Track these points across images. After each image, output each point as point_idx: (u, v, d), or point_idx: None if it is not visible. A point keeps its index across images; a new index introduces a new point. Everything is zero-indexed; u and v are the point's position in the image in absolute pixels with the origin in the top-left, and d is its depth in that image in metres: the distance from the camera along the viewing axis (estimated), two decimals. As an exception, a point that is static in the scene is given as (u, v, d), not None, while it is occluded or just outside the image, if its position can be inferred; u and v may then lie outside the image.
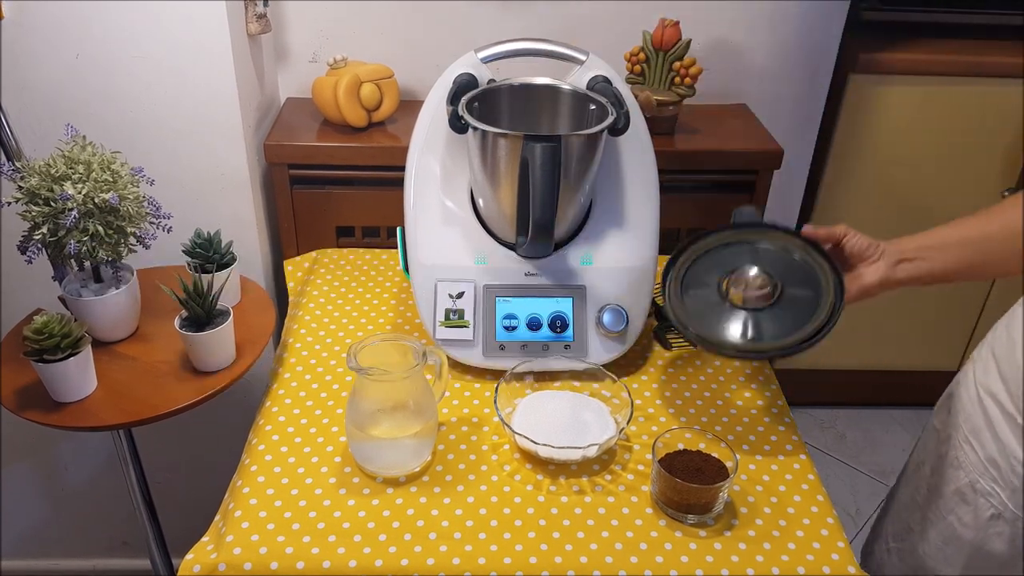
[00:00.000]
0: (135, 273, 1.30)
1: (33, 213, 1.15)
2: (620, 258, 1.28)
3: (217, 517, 1.07)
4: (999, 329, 1.11)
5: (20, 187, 1.15)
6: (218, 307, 1.24)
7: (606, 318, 1.25)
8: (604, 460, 1.13)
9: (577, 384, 1.24)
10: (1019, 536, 1.06)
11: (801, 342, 1.09)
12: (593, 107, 1.25)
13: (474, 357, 1.25)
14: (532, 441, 1.08)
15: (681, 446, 1.10)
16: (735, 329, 1.12)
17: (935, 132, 2.03)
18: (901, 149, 2.07)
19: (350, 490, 1.07)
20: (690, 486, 1.02)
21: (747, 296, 1.12)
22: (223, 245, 1.36)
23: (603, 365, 1.23)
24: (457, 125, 1.20)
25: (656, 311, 1.40)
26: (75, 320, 1.17)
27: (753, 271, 1.12)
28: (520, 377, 1.21)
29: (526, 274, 1.26)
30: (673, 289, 1.15)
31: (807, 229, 1.11)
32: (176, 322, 1.21)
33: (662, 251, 1.32)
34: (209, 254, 1.33)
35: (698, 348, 1.26)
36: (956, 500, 1.13)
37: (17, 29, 1.34)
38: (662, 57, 1.60)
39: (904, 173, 2.07)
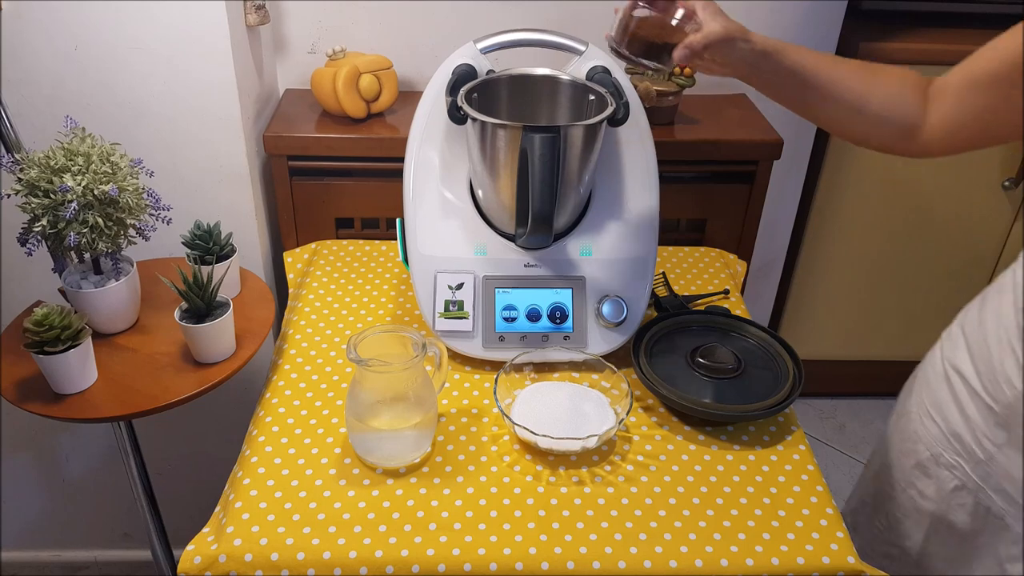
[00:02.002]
0: (135, 265, 1.30)
1: (33, 205, 1.15)
2: (619, 249, 1.28)
3: (217, 508, 1.07)
4: (971, 311, 1.12)
5: (20, 179, 1.15)
6: (218, 299, 1.24)
7: (605, 309, 1.25)
8: (603, 451, 1.13)
9: (576, 375, 1.24)
10: (980, 506, 1.09)
11: (762, 409, 1.15)
12: (592, 97, 1.24)
13: (474, 348, 1.26)
14: (532, 432, 1.08)
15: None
16: (700, 392, 1.20)
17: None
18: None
19: (350, 481, 1.07)
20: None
21: (712, 367, 1.22)
22: (222, 237, 1.36)
23: (602, 356, 1.23)
24: (456, 116, 1.20)
25: (655, 302, 1.40)
26: (75, 312, 1.17)
27: (720, 349, 1.24)
28: (519, 368, 1.22)
29: (525, 265, 1.26)
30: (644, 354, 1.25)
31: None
32: (176, 314, 1.22)
33: (661, 242, 1.32)
34: (209, 246, 1.34)
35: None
36: (916, 473, 1.15)
37: (16, 21, 1.34)
38: (662, 47, 1.60)
39: (904, 163, 2.07)
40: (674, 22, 1.05)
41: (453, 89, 1.23)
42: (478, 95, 1.24)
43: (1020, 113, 0.93)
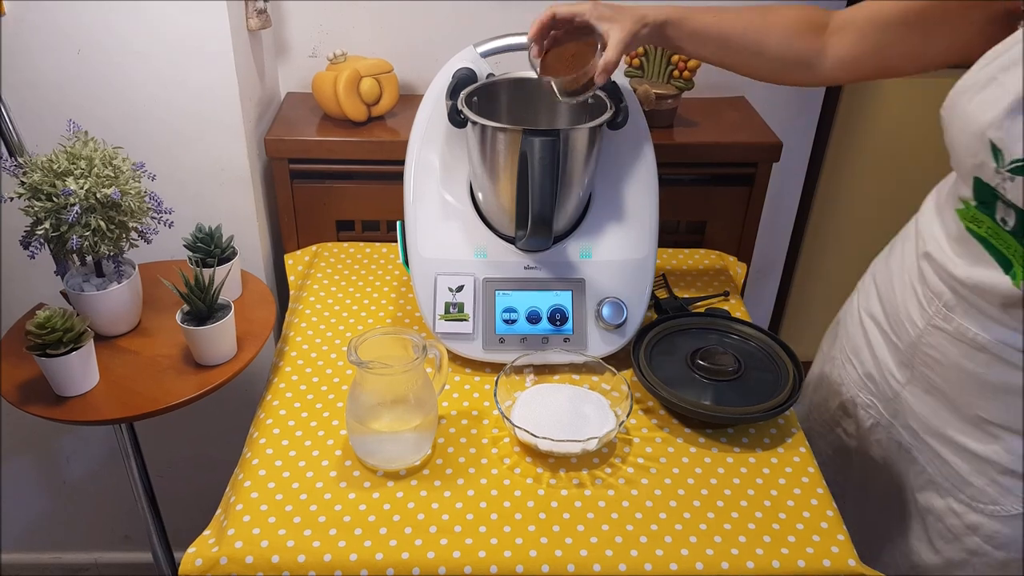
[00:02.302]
0: (136, 267, 1.30)
1: (35, 208, 1.15)
2: (619, 251, 1.28)
3: (219, 510, 1.07)
4: (880, 261, 1.23)
5: (22, 183, 1.16)
6: (219, 301, 1.24)
7: (605, 311, 1.25)
8: (604, 453, 1.14)
9: (577, 377, 1.24)
10: (893, 441, 1.20)
11: (763, 411, 1.16)
12: (592, 101, 1.25)
13: (474, 350, 1.26)
14: (532, 434, 1.09)
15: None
16: (701, 394, 1.20)
17: (935, 124, 2.03)
18: (901, 141, 2.07)
19: (351, 483, 1.08)
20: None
21: (713, 369, 1.23)
22: (224, 239, 1.36)
23: (602, 358, 1.24)
24: (456, 119, 1.20)
25: (655, 304, 1.41)
26: (77, 314, 1.17)
27: (720, 351, 1.25)
28: (520, 370, 1.22)
29: (525, 267, 1.27)
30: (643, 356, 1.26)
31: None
32: (177, 316, 1.22)
33: (661, 244, 1.32)
34: (210, 248, 1.34)
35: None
36: (840, 414, 1.30)
37: (19, 25, 1.34)
38: (660, 50, 1.61)
39: (904, 165, 2.07)
40: (595, 78, 1.11)
41: (453, 93, 1.23)
42: (478, 99, 1.24)
43: (915, 52, 1.05)
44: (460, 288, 1.26)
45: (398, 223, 1.33)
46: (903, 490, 1.19)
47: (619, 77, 1.27)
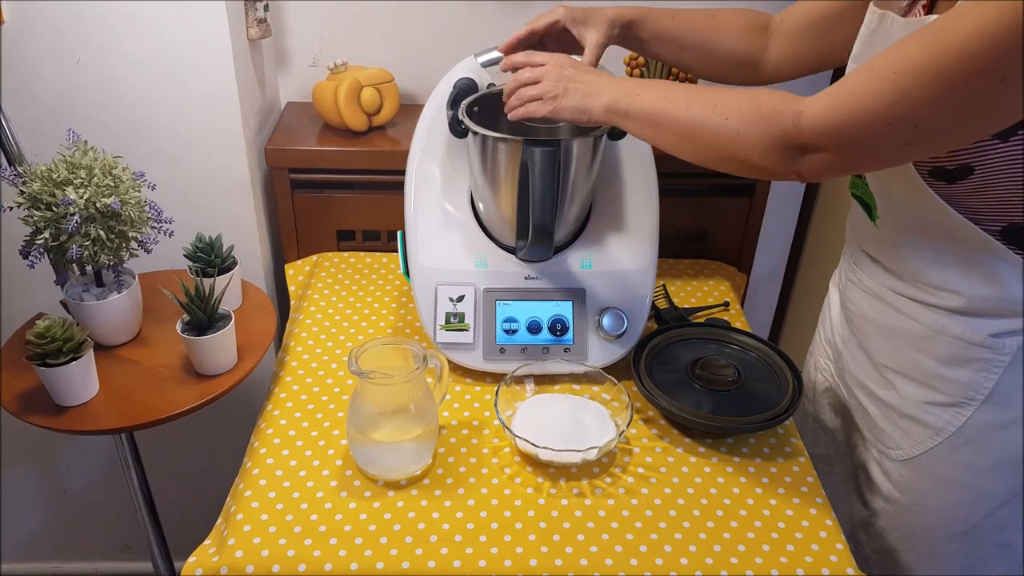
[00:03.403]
0: (137, 277, 1.31)
1: (35, 218, 1.15)
2: (620, 261, 1.28)
3: (219, 520, 1.07)
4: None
5: (22, 192, 1.16)
6: (219, 311, 1.24)
7: (606, 321, 1.25)
8: (604, 463, 1.13)
9: (577, 387, 1.24)
10: (839, 403, 1.25)
11: (762, 421, 1.16)
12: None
13: (474, 360, 1.26)
14: (532, 444, 1.09)
15: None
16: (700, 404, 1.19)
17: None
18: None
19: (351, 493, 1.08)
20: None
21: (712, 379, 1.23)
22: (224, 249, 1.36)
23: (603, 368, 1.24)
24: (457, 129, 1.20)
25: (656, 314, 1.41)
26: (77, 324, 1.17)
27: (720, 361, 1.26)
28: (520, 380, 1.22)
29: (526, 277, 1.27)
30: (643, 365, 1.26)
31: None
32: (178, 326, 1.22)
33: (661, 254, 1.33)
34: (210, 258, 1.34)
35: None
36: (807, 380, 1.33)
37: (18, 34, 1.35)
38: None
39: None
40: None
41: (454, 102, 1.24)
42: (479, 109, 1.24)
43: (846, 46, 1.04)
44: (461, 298, 1.26)
45: (399, 233, 1.33)
46: (847, 452, 1.24)
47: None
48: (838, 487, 1.25)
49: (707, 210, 1.66)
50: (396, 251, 1.57)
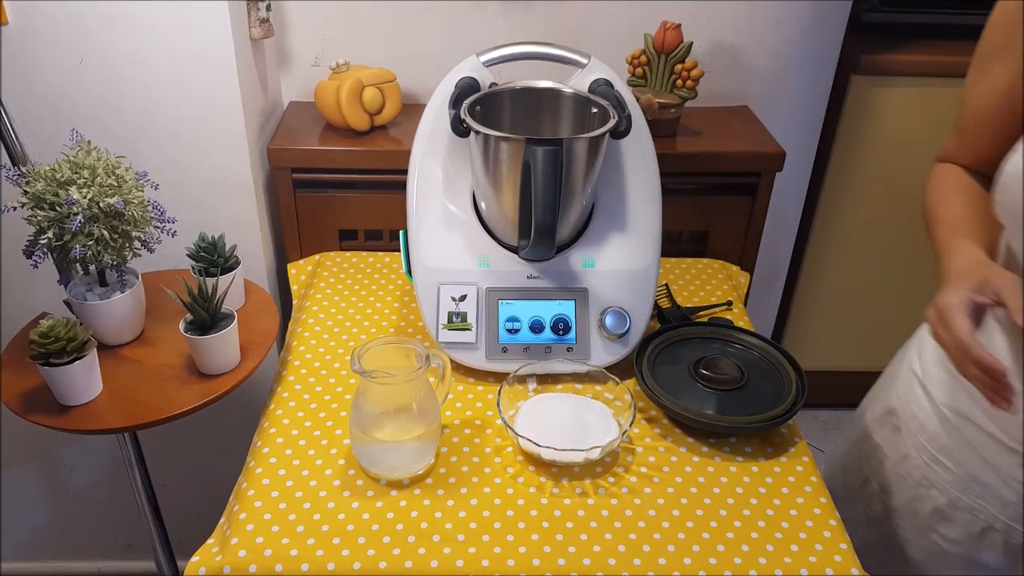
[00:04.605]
0: (140, 277, 1.31)
1: (39, 218, 1.16)
2: (622, 261, 1.28)
3: (222, 520, 1.07)
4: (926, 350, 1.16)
5: (25, 192, 1.16)
6: (222, 310, 1.24)
7: (608, 321, 1.25)
8: (607, 462, 1.13)
9: (579, 387, 1.24)
10: (1011, 544, 1.08)
11: (766, 421, 1.15)
12: (595, 110, 1.25)
13: (477, 360, 1.26)
14: (535, 443, 1.08)
15: None
16: (703, 403, 1.19)
17: (937, 133, 2.02)
18: (903, 151, 2.07)
19: (354, 492, 1.08)
20: None
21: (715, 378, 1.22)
22: (227, 249, 1.36)
23: (605, 367, 1.23)
24: (459, 129, 1.20)
25: (658, 313, 1.41)
26: (80, 324, 1.17)
27: (723, 361, 1.25)
28: (523, 380, 1.22)
29: (528, 277, 1.27)
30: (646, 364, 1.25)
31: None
32: (181, 325, 1.22)
33: (664, 254, 1.32)
34: (213, 258, 1.34)
35: None
36: (936, 518, 1.14)
37: (21, 34, 1.35)
38: (664, 60, 1.61)
39: (906, 174, 2.07)
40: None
41: (456, 102, 1.23)
42: (481, 108, 1.24)
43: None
44: (463, 298, 1.26)
45: (401, 232, 1.33)
46: None
47: (622, 86, 1.27)
48: None
49: (710, 209, 1.67)
50: (398, 251, 1.57)
